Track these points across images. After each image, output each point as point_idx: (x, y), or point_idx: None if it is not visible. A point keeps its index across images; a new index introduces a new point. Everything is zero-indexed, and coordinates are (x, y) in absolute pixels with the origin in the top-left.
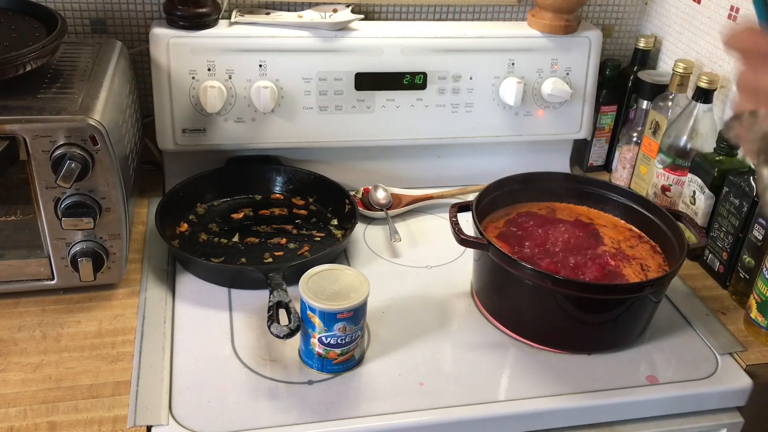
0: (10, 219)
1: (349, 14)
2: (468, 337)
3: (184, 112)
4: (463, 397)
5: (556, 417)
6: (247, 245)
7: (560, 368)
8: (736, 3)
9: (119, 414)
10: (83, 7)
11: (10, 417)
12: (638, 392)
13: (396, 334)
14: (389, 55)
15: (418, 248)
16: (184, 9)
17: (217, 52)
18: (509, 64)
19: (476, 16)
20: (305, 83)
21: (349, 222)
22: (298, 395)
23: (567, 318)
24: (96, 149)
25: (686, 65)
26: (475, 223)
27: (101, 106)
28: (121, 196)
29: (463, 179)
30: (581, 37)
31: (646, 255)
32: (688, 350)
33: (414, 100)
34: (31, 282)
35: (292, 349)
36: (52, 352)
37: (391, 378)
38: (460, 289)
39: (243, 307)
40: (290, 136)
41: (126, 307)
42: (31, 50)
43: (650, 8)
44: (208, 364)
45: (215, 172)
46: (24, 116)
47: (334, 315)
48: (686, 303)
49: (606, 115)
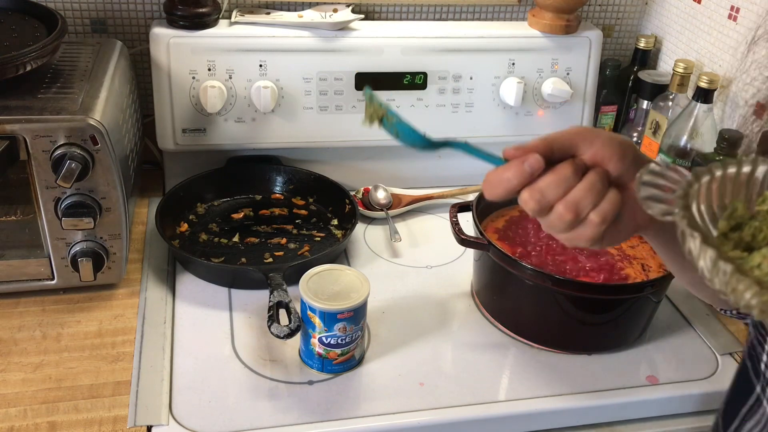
0: (10, 219)
1: (350, 14)
2: (468, 337)
3: (185, 112)
4: (463, 397)
5: (556, 417)
6: (247, 245)
7: (560, 368)
8: (736, 3)
9: (119, 414)
10: (83, 7)
11: (10, 417)
12: (638, 392)
13: (396, 334)
14: (389, 55)
15: (418, 248)
16: (185, 9)
17: (218, 52)
18: (509, 64)
19: (476, 16)
20: (305, 83)
21: (349, 222)
22: (298, 395)
23: (567, 318)
24: (96, 149)
25: (686, 65)
26: (476, 223)
27: (101, 106)
28: (121, 196)
29: (463, 179)
30: (581, 37)
31: (646, 255)
32: (689, 350)
33: (414, 100)
34: (31, 282)
35: (293, 349)
36: (53, 352)
37: (391, 378)
38: (460, 289)
39: (243, 307)
40: (290, 136)
41: (126, 307)
42: (31, 50)
43: (650, 8)
44: (208, 364)
45: (215, 172)
46: (24, 116)
47: (334, 315)
48: (686, 303)
49: (606, 115)
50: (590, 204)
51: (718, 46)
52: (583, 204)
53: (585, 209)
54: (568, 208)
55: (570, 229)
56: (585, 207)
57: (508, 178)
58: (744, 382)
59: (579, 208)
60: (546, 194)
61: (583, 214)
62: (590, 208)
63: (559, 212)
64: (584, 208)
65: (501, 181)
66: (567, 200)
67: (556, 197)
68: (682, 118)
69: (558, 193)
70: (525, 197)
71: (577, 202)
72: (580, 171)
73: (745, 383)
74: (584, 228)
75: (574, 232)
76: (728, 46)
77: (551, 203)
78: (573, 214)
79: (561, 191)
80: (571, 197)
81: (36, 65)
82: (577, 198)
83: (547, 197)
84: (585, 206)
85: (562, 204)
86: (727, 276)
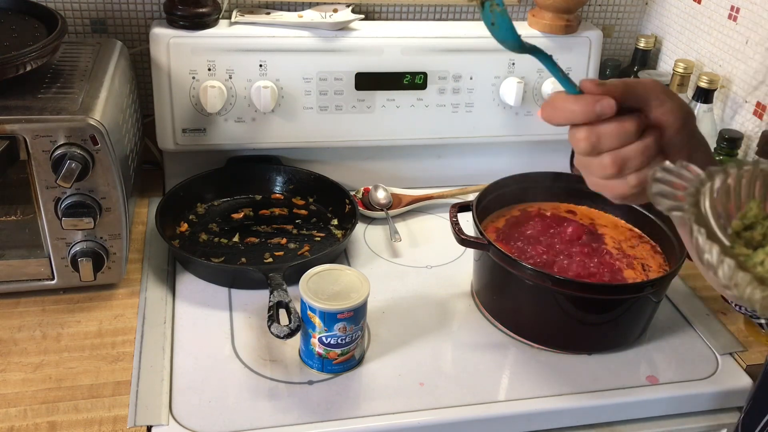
0: (10, 219)
1: (350, 14)
2: (468, 337)
3: (185, 112)
4: (463, 397)
5: (556, 417)
6: (247, 245)
7: (560, 368)
8: (737, 3)
9: (119, 414)
10: (83, 7)
11: (10, 417)
12: (638, 392)
13: (396, 334)
14: (389, 55)
15: (418, 248)
16: (185, 9)
17: (218, 52)
18: (509, 64)
19: (476, 16)
20: (305, 83)
21: (349, 222)
22: (298, 395)
23: (567, 318)
24: (96, 149)
25: (686, 65)
26: (476, 223)
27: (101, 106)
28: (121, 196)
29: (463, 179)
30: (581, 37)
31: (646, 255)
32: (689, 350)
33: (414, 100)
34: (31, 282)
35: (292, 349)
36: (52, 352)
37: (391, 378)
38: (460, 289)
39: (243, 307)
40: (290, 136)
41: (126, 307)
42: (31, 50)
43: (650, 8)
44: (208, 364)
45: (215, 172)
46: (24, 116)
47: (334, 315)
48: (686, 303)
49: None
50: (636, 166)
51: (718, 46)
52: (631, 164)
53: (629, 169)
54: (615, 161)
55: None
56: (630, 167)
57: (573, 110)
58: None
59: (625, 166)
60: (602, 141)
61: (626, 173)
62: (634, 170)
63: (604, 162)
64: (630, 168)
65: (566, 110)
66: (618, 154)
67: (609, 147)
68: None
69: (613, 145)
70: (581, 135)
71: (626, 160)
72: (641, 130)
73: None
74: (618, 183)
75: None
76: (728, 46)
77: (603, 151)
78: (617, 169)
79: (617, 144)
80: (623, 153)
81: (36, 65)
82: (627, 156)
83: (601, 143)
84: (631, 166)
85: (611, 156)
86: (731, 271)
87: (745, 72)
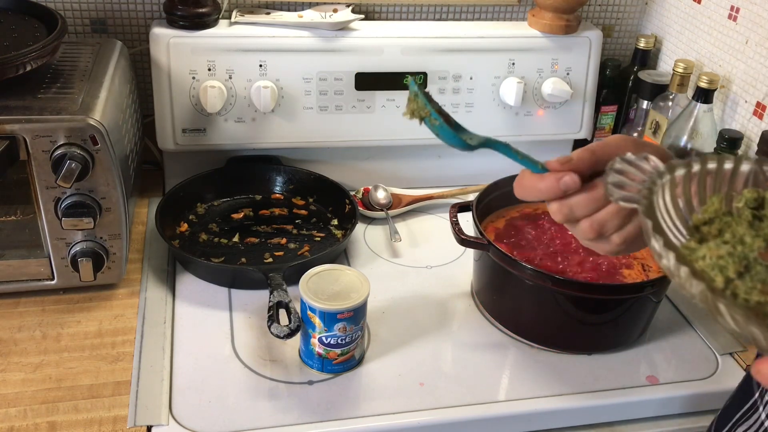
0: (10, 219)
1: (350, 14)
2: (468, 337)
3: (185, 112)
4: (463, 397)
5: (556, 417)
6: (247, 245)
7: (560, 368)
8: (737, 3)
9: (119, 414)
10: (83, 7)
11: (10, 417)
12: (638, 392)
13: (396, 334)
14: (389, 55)
15: (418, 248)
16: (184, 9)
17: (218, 52)
18: (509, 64)
19: (476, 16)
20: (305, 83)
21: (349, 222)
22: (298, 395)
23: (567, 318)
24: (96, 149)
25: (686, 65)
26: (476, 223)
27: (101, 106)
28: (121, 196)
29: (463, 179)
30: (581, 37)
31: (646, 255)
32: (689, 350)
33: None
34: (31, 282)
35: (292, 349)
36: (52, 352)
37: (391, 378)
38: (460, 289)
39: (243, 307)
40: (290, 136)
41: (126, 307)
42: (31, 50)
43: (650, 8)
44: (208, 364)
45: (215, 172)
46: (24, 116)
47: (334, 315)
48: (686, 303)
49: (606, 115)
50: (615, 227)
51: (718, 46)
52: (608, 226)
53: (609, 231)
54: (592, 227)
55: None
56: (609, 229)
57: (540, 189)
58: (746, 386)
59: (603, 229)
60: (574, 211)
61: (607, 235)
62: (614, 230)
63: (583, 228)
64: (608, 229)
65: (533, 189)
66: (593, 219)
67: (584, 215)
68: (682, 118)
69: (586, 212)
70: (554, 209)
71: (602, 224)
72: None
73: (747, 387)
74: (603, 244)
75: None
76: (728, 46)
77: (578, 219)
78: (595, 233)
79: (589, 211)
80: (597, 217)
81: (36, 65)
82: (603, 220)
83: (575, 213)
84: (609, 228)
85: (588, 222)
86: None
87: (745, 72)
